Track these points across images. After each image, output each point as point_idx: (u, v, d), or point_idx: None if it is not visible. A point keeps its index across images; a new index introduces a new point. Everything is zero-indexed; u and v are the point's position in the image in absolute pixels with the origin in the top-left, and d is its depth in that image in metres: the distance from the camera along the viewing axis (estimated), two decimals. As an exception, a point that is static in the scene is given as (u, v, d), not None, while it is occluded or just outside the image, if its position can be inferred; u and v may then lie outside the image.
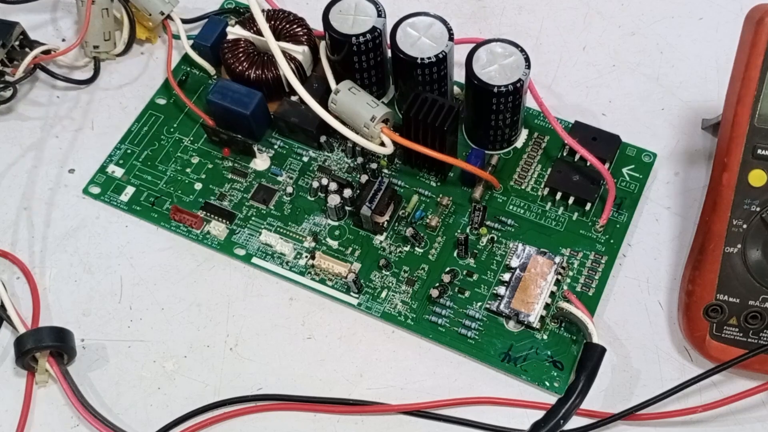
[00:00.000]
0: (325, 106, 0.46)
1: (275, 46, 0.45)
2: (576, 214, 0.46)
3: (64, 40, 0.55)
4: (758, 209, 0.40)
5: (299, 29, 0.50)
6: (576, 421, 0.40)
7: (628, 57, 0.52)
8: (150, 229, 0.47)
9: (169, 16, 0.53)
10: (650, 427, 0.41)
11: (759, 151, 0.40)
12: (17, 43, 0.52)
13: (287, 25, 0.50)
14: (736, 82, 0.40)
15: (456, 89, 0.50)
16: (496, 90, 0.44)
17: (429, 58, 0.45)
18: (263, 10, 0.50)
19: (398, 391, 0.42)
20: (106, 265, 0.46)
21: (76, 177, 0.49)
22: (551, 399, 0.41)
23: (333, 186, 0.46)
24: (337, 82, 0.47)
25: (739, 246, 0.40)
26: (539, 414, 0.41)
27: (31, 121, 0.52)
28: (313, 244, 0.46)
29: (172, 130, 0.50)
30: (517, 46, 0.45)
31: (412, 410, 0.41)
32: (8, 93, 0.51)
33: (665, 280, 0.45)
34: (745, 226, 0.40)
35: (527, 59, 0.44)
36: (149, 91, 0.52)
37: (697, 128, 0.49)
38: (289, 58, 0.48)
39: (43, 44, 0.52)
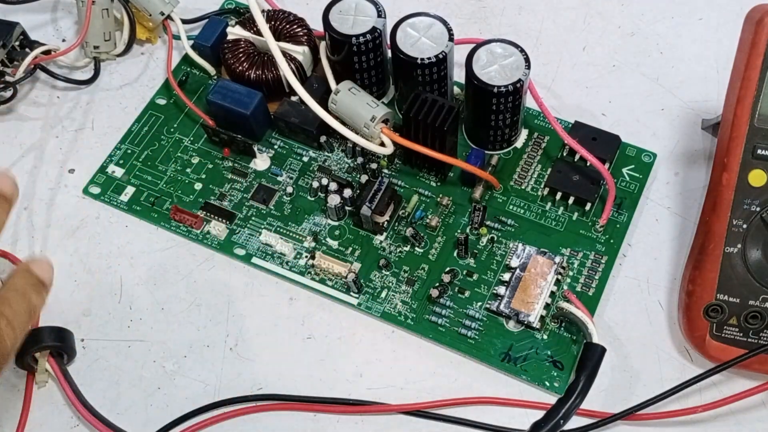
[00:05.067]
0: (325, 107, 0.46)
1: (275, 47, 0.45)
2: (576, 214, 0.46)
3: (64, 40, 0.55)
4: (758, 209, 0.40)
5: (299, 29, 0.50)
6: (576, 421, 0.40)
7: (628, 57, 0.52)
8: (150, 229, 0.47)
9: (169, 17, 0.53)
10: (650, 427, 0.41)
11: (759, 151, 0.40)
12: (17, 43, 0.52)
13: (287, 26, 0.50)
14: (736, 82, 0.40)
15: (456, 89, 0.50)
16: (496, 90, 0.44)
17: (429, 58, 0.45)
18: (263, 11, 0.50)
19: (398, 391, 0.42)
20: (106, 265, 0.46)
21: (76, 177, 0.49)
22: (551, 399, 0.41)
23: (333, 186, 0.46)
24: (337, 83, 0.47)
25: (739, 246, 0.40)
26: (539, 414, 0.41)
27: (31, 121, 0.52)
28: (313, 244, 0.46)
29: (172, 130, 0.50)
30: (516, 46, 0.45)
31: (411, 410, 0.41)
32: (8, 93, 0.51)
33: (665, 280, 0.45)
34: (745, 226, 0.40)
35: (527, 59, 0.44)
36: (149, 91, 0.52)
37: (696, 128, 0.49)
38: (290, 58, 0.48)
39: (43, 44, 0.52)
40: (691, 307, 0.41)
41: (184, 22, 0.53)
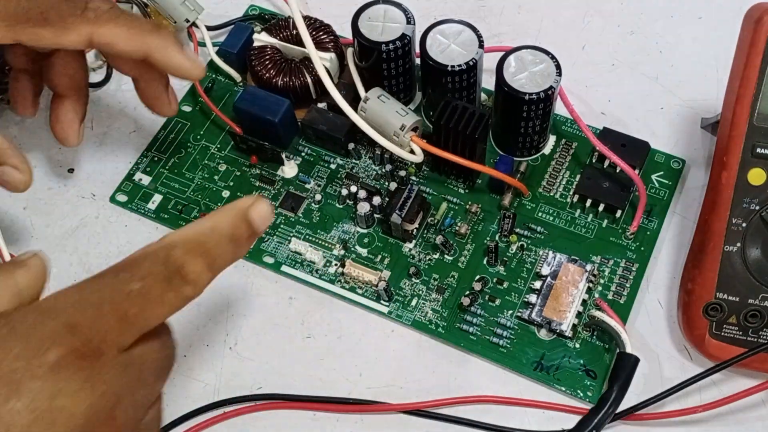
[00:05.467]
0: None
1: (314, 52, 0.44)
2: (606, 221, 0.46)
3: None
4: (757, 208, 0.40)
5: (325, 36, 0.49)
6: (575, 421, 0.40)
7: (628, 56, 0.52)
8: (149, 229, 0.47)
9: (194, 24, 0.52)
10: (650, 426, 0.41)
11: (758, 150, 0.40)
12: None
13: (313, 32, 0.49)
14: (735, 81, 0.40)
15: (482, 96, 0.50)
16: (527, 98, 0.43)
17: (459, 65, 0.44)
18: (288, 17, 0.50)
19: (398, 390, 0.42)
20: (105, 264, 0.45)
21: (75, 177, 0.50)
22: (554, 397, 0.41)
23: (362, 194, 0.46)
24: (365, 89, 0.47)
25: (738, 245, 0.40)
26: (539, 413, 0.41)
27: (34, 120, 0.52)
28: (342, 252, 0.46)
29: (198, 137, 0.50)
30: (547, 53, 0.44)
31: (411, 409, 0.41)
32: None
33: (665, 279, 0.45)
34: (744, 224, 0.40)
35: (558, 66, 0.44)
36: None
37: (696, 127, 0.49)
38: None
39: None
40: (691, 306, 0.41)
41: (209, 28, 0.53)
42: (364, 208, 0.45)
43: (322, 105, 0.49)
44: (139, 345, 0.28)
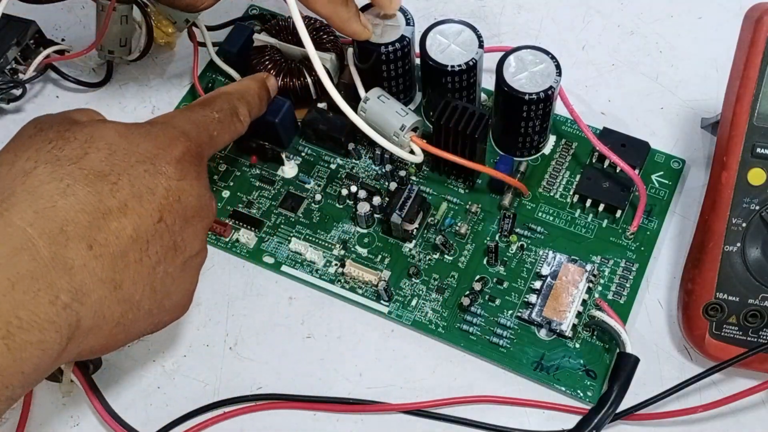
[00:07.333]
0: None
1: (314, 52, 0.44)
2: (606, 221, 0.46)
3: (75, 44, 0.55)
4: (757, 208, 0.40)
5: (325, 36, 0.49)
6: (575, 421, 0.40)
7: (628, 56, 0.52)
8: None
9: (194, 24, 0.52)
10: (650, 426, 0.41)
11: (758, 150, 0.40)
12: (32, 41, 0.51)
13: (313, 32, 0.49)
14: (735, 81, 0.40)
15: (482, 96, 0.50)
16: (527, 98, 0.43)
17: (459, 65, 0.44)
18: (287, 18, 0.50)
19: (398, 390, 0.42)
20: (105, 264, 0.46)
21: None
22: (554, 397, 0.41)
23: (362, 194, 0.46)
24: (365, 90, 0.47)
25: (738, 245, 0.40)
26: (539, 413, 0.41)
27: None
28: (342, 252, 0.46)
29: None
30: (547, 53, 0.44)
31: (411, 410, 0.41)
32: (18, 92, 0.51)
33: (665, 279, 0.45)
34: (744, 224, 0.40)
35: (558, 66, 0.44)
36: (169, 97, 0.52)
37: (696, 127, 0.49)
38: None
39: (57, 44, 0.52)
40: (691, 306, 0.41)
41: (209, 28, 0.52)
42: (364, 208, 0.45)
43: (322, 105, 0.49)
44: None
